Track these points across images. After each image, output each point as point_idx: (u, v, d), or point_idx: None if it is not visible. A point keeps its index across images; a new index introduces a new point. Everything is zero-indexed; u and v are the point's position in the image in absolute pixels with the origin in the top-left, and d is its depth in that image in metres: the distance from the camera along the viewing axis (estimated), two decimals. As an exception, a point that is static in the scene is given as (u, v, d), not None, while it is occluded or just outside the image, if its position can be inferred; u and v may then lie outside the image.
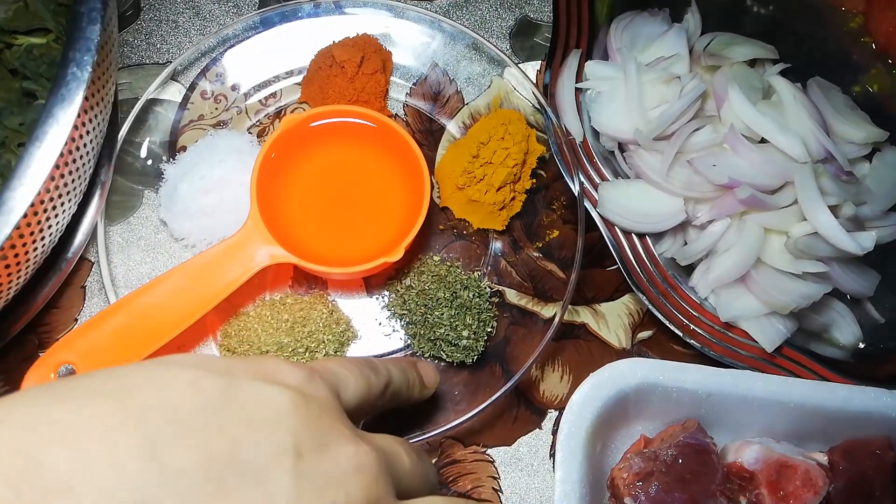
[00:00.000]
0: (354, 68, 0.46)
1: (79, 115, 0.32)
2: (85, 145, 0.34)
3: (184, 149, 0.46)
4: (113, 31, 0.36)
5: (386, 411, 0.34)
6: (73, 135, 0.32)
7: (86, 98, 0.32)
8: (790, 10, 0.54)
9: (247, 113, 0.48)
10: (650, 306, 0.44)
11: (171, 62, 0.47)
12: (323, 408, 0.24)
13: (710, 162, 0.44)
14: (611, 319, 0.47)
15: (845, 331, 0.47)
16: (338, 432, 0.24)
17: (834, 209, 0.44)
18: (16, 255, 0.32)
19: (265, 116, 0.48)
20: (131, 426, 0.20)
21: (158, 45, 0.49)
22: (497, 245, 0.46)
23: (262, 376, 0.24)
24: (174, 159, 0.45)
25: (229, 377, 0.23)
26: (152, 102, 0.47)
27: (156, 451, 0.20)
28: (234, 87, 0.48)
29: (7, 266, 0.32)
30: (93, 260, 0.45)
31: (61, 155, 0.31)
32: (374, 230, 0.43)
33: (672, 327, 0.44)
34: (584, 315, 0.47)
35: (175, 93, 0.47)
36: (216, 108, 0.48)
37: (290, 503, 0.21)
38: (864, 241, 0.43)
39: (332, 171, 0.44)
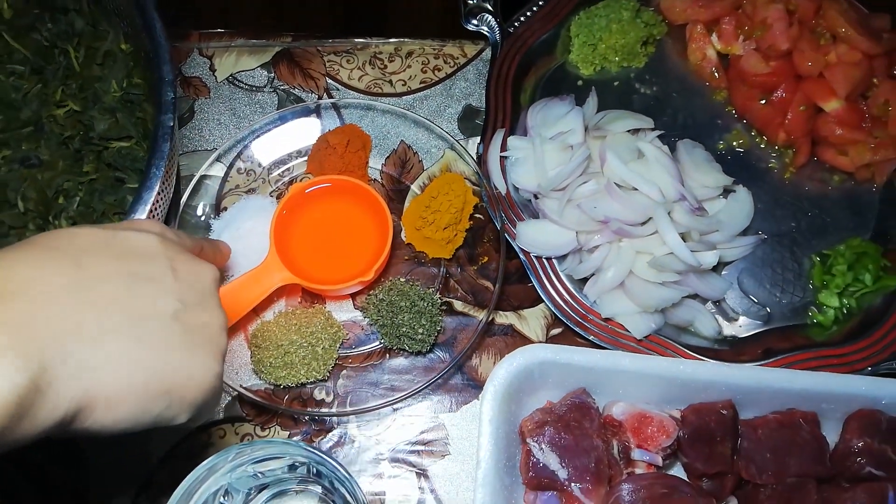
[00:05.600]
0: (343, 148, 0.65)
1: (156, 196, 0.50)
2: (158, 210, 0.53)
3: (225, 209, 0.65)
4: (175, 143, 0.55)
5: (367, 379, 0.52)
6: (152, 207, 0.50)
7: (160, 187, 0.50)
8: (669, 89, 0.72)
9: (269, 182, 0.67)
10: (554, 310, 0.62)
11: (216, 149, 0.67)
12: (174, 244, 0.39)
13: (592, 205, 0.61)
14: (531, 321, 0.64)
15: (706, 325, 0.63)
16: (188, 256, 0.39)
17: (685, 235, 0.61)
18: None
19: (281, 184, 0.67)
20: (62, 256, 0.33)
21: (207, 137, 0.70)
22: (446, 269, 0.64)
23: (135, 227, 0.38)
24: (218, 216, 0.65)
25: (115, 230, 0.37)
26: (204, 177, 0.67)
27: (83, 268, 0.33)
28: (260, 165, 0.68)
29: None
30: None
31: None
32: (355, 260, 0.61)
33: (570, 325, 0.61)
34: (511, 318, 0.64)
35: (219, 170, 0.67)
36: (248, 180, 0.67)
37: (177, 292, 0.36)
38: (705, 259, 0.60)
39: (326, 220, 0.62)
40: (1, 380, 0.28)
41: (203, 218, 0.65)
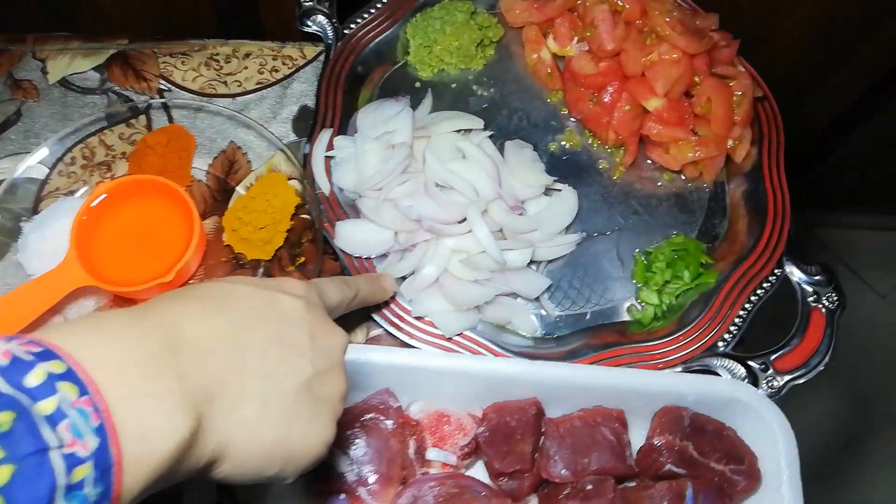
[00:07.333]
0: (163, 148, 0.64)
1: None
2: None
3: (41, 211, 0.64)
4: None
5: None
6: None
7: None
8: (507, 91, 0.72)
9: (90, 184, 0.66)
10: (370, 312, 0.61)
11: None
12: (317, 309, 0.42)
13: (407, 203, 0.61)
14: (350, 322, 0.63)
15: (524, 323, 0.62)
16: (327, 322, 0.42)
17: (501, 233, 0.61)
18: None
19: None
20: (222, 317, 0.36)
21: (33, 140, 0.68)
22: (266, 269, 0.63)
23: (284, 290, 0.40)
24: (31, 219, 0.63)
25: (268, 290, 0.39)
26: (26, 180, 0.65)
27: (238, 331, 0.36)
28: (82, 167, 0.66)
29: None
30: (-27, 293, 0.62)
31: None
32: (163, 261, 0.60)
33: (384, 324, 0.60)
34: (330, 320, 0.63)
35: (41, 172, 0.66)
36: (69, 182, 0.66)
37: (312, 359, 0.39)
38: (512, 257, 0.60)
39: (136, 221, 0.61)
40: (173, 428, 0.30)
41: (16, 222, 0.64)
